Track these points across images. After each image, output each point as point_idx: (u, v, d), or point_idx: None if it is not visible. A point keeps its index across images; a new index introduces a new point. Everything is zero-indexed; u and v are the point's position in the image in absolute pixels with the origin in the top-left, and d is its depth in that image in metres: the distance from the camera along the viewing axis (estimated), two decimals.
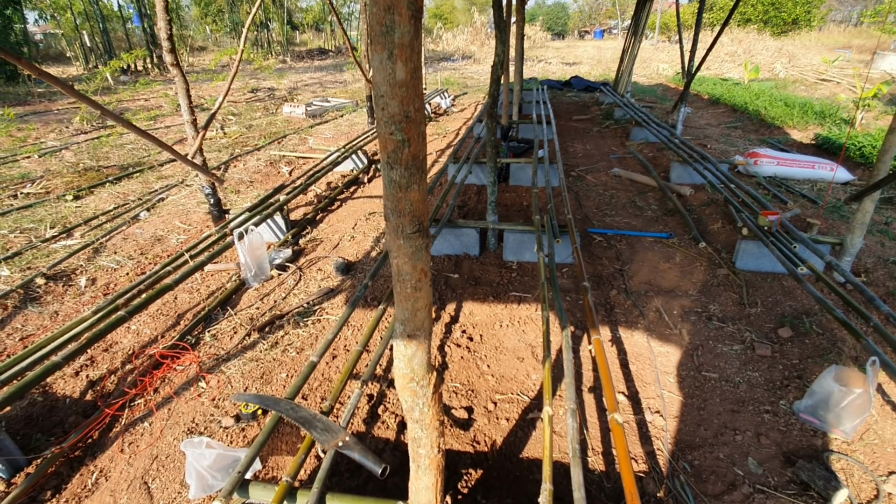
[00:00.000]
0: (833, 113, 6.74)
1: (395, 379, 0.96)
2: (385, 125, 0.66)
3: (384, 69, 0.61)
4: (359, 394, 1.68)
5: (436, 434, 0.99)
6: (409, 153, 0.68)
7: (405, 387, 0.94)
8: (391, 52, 0.60)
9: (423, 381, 0.93)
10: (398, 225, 0.76)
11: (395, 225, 0.76)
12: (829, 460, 1.72)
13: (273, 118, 8.54)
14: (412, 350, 0.89)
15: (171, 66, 3.19)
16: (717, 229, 3.58)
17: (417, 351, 0.89)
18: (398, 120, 0.65)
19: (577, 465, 1.37)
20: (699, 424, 1.92)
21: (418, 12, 0.57)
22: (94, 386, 2.25)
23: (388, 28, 0.58)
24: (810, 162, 4.66)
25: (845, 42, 19.90)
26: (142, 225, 4.05)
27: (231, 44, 25.82)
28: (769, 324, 2.51)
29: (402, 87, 0.62)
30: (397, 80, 0.61)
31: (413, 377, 0.93)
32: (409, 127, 0.66)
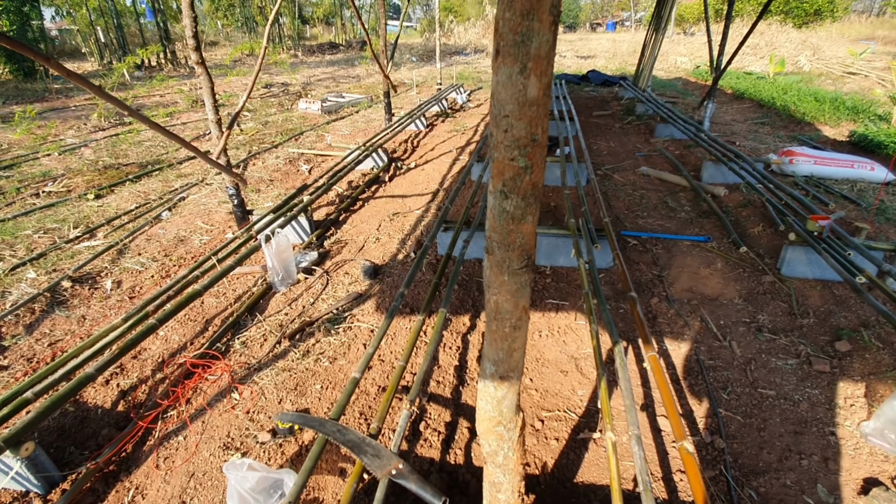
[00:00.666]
0: (866, 108, 6.51)
1: (479, 422, 0.87)
2: (506, 149, 0.57)
3: (513, 85, 0.52)
4: (407, 415, 1.59)
5: (518, 479, 0.90)
6: (529, 181, 0.59)
7: (491, 430, 0.85)
8: (524, 66, 0.50)
9: (511, 425, 0.85)
10: (504, 259, 0.66)
11: (501, 259, 0.67)
12: None
13: (289, 114, 8.47)
14: (503, 392, 0.81)
15: (196, 64, 3.12)
16: (758, 233, 3.44)
17: (508, 393, 0.81)
18: (523, 144, 0.56)
19: (650, 499, 1.27)
20: (761, 447, 1.82)
21: (558, 17, 0.47)
22: (125, 396, 2.20)
23: (524, 37, 0.49)
24: (849, 161, 4.48)
25: (869, 33, 19.34)
26: (164, 225, 4.00)
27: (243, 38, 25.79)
28: (824, 336, 2.39)
29: (533, 107, 0.53)
30: (528, 98, 0.52)
31: (501, 420, 0.84)
32: (534, 152, 0.57)
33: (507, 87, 0.53)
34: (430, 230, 3.74)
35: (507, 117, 0.55)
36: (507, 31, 0.50)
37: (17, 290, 2.93)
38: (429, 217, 4.02)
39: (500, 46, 0.52)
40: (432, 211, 4.15)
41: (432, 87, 11.54)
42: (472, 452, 1.81)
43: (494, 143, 0.57)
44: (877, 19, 26.14)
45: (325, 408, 2.07)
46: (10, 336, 2.58)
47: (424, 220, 3.95)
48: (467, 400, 2.07)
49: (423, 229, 3.78)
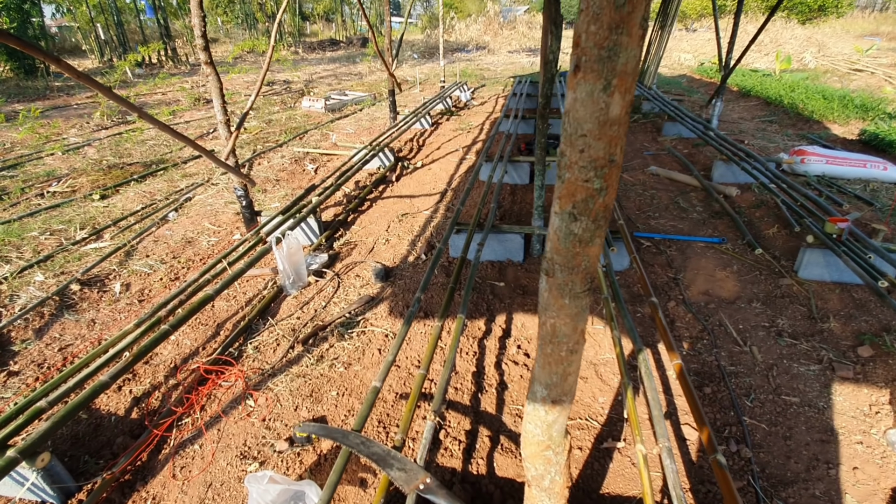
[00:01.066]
0: (876, 106, 6.46)
1: (526, 445, 0.84)
2: (580, 170, 0.53)
3: (594, 103, 0.48)
4: (431, 426, 1.56)
5: (563, 503, 0.87)
6: (602, 203, 0.56)
7: (538, 454, 0.82)
8: (608, 83, 0.47)
9: (559, 448, 0.81)
10: (567, 283, 0.63)
11: (563, 283, 0.63)
12: None
13: (292, 112, 8.42)
14: (554, 416, 0.77)
15: (205, 64, 3.08)
16: (773, 234, 3.41)
17: (560, 417, 0.77)
18: (601, 165, 0.52)
19: None
20: (788, 457, 1.79)
21: (646, 29, 0.44)
22: (139, 403, 2.17)
23: (610, 52, 0.45)
24: (861, 160, 4.43)
25: (873, 29, 19.24)
26: (171, 226, 3.97)
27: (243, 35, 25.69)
28: (846, 341, 2.36)
29: (614, 126, 0.49)
30: (610, 116, 0.48)
31: (550, 445, 0.81)
32: (611, 173, 0.53)
33: (587, 104, 0.49)
34: (440, 231, 3.70)
35: (585, 136, 0.51)
36: (592, 45, 0.46)
37: (26, 293, 2.90)
38: (438, 218, 3.98)
39: (582, 62, 0.48)
40: (441, 211, 4.11)
41: (435, 85, 11.48)
42: (494, 462, 1.78)
43: (566, 164, 0.54)
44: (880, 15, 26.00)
45: (342, 415, 2.04)
46: (19, 341, 2.55)
47: (434, 221, 3.92)
48: (486, 407, 2.04)
49: (433, 230, 3.74)
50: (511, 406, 2.03)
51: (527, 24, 27.78)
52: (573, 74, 0.50)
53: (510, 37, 24.33)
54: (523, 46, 21.74)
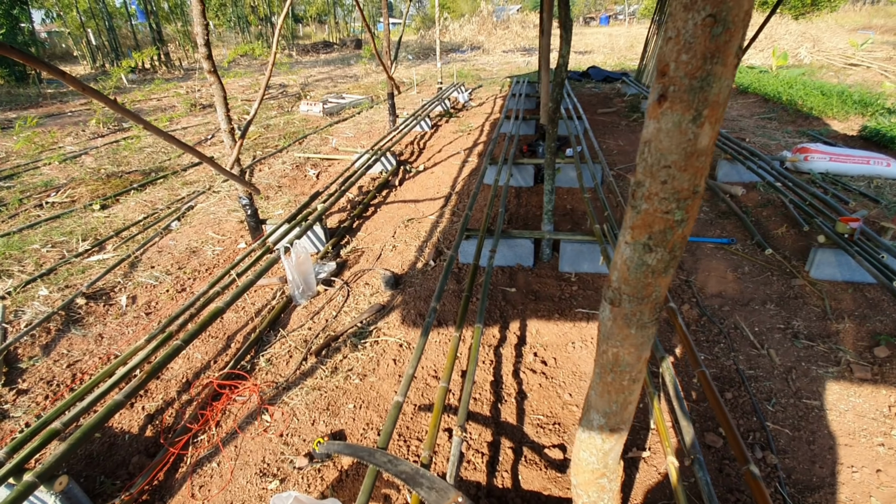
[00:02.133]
0: (874, 102, 6.49)
1: (578, 473, 0.82)
2: (661, 202, 0.51)
3: (682, 134, 0.46)
4: (459, 442, 1.54)
5: None
6: (681, 234, 0.54)
7: (592, 482, 0.80)
8: (699, 114, 0.45)
9: (613, 476, 0.80)
10: (635, 313, 0.61)
11: (631, 313, 0.61)
12: None
13: (290, 117, 8.37)
14: (611, 445, 0.75)
15: (209, 73, 3.04)
16: (782, 234, 3.40)
17: (616, 445, 0.75)
18: (684, 197, 0.50)
19: None
20: (813, 461, 1.77)
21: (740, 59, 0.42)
22: (152, 420, 2.13)
23: (703, 82, 0.43)
24: (865, 157, 4.44)
25: (865, 22, 19.37)
26: (174, 236, 3.92)
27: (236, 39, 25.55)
28: (861, 342, 2.35)
29: (701, 157, 0.47)
30: (698, 148, 0.46)
31: (605, 473, 0.79)
32: (693, 204, 0.51)
33: (674, 135, 0.47)
34: (447, 237, 3.68)
35: (669, 168, 0.49)
36: (682, 74, 0.44)
37: (31, 308, 2.85)
38: (444, 222, 3.96)
39: (670, 91, 0.46)
40: (447, 216, 4.09)
41: (432, 86, 11.45)
42: (519, 475, 1.75)
43: (645, 194, 0.52)
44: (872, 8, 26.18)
45: (361, 429, 2.01)
46: (27, 358, 2.50)
47: (440, 226, 3.89)
48: (507, 418, 2.02)
49: (440, 235, 3.72)
50: (532, 416, 2.01)
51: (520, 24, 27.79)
52: (657, 104, 0.48)
53: (504, 36, 24.32)
54: (518, 46, 21.73)
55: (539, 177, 4.70)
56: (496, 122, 7.55)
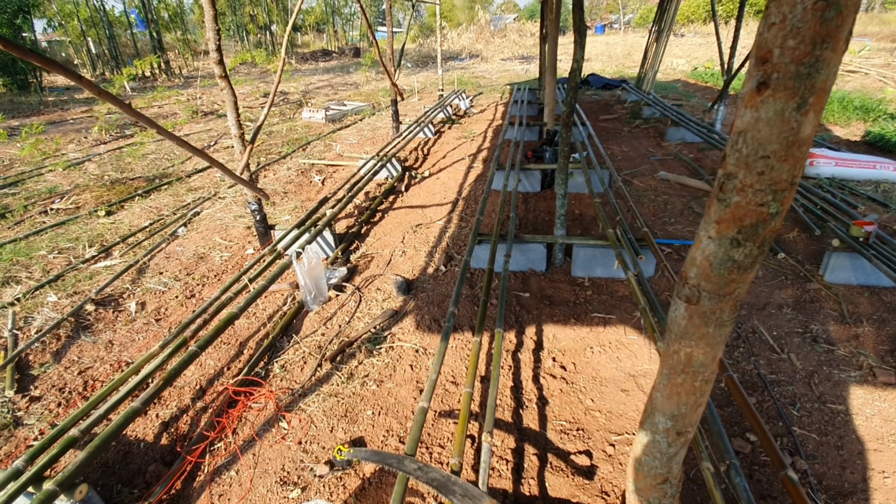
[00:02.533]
0: (876, 107, 6.54)
1: (640, 479, 0.79)
2: (755, 193, 0.50)
3: (784, 122, 0.45)
4: (488, 448, 1.51)
5: None
6: (772, 228, 0.52)
7: (654, 487, 0.78)
8: (804, 101, 0.44)
9: (675, 480, 0.77)
10: (715, 311, 0.59)
11: (710, 310, 0.60)
12: None
13: (292, 123, 8.38)
14: (676, 448, 0.73)
15: (220, 78, 3.04)
16: (793, 238, 3.40)
17: (682, 450, 0.73)
18: (782, 188, 0.49)
19: None
20: (843, 467, 1.75)
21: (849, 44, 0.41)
22: (167, 428, 2.09)
23: (810, 69, 0.42)
24: (871, 162, 4.46)
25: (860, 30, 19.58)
26: (181, 242, 3.90)
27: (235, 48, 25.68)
28: (882, 345, 2.34)
29: (802, 147, 0.46)
30: (800, 137, 0.45)
31: (668, 478, 0.77)
32: (788, 197, 0.50)
33: (775, 124, 0.46)
34: (456, 242, 3.66)
35: (767, 158, 0.48)
36: (788, 61, 0.43)
37: (40, 314, 2.81)
38: (452, 228, 3.95)
39: (773, 79, 0.45)
40: (455, 221, 4.07)
41: (433, 94, 11.50)
42: (546, 483, 1.72)
43: (737, 186, 0.50)
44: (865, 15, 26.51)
45: (381, 436, 1.98)
46: (38, 364, 2.46)
47: (448, 231, 3.88)
48: (529, 424, 1.99)
49: (449, 241, 3.70)
50: (554, 422, 1.99)
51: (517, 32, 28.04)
52: (756, 92, 0.46)
53: (502, 45, 24.51)
54: (516, 54, 21.88)
55: (545, 182, 4.70)
56: (498, 128, 7.57)
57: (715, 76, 11.16)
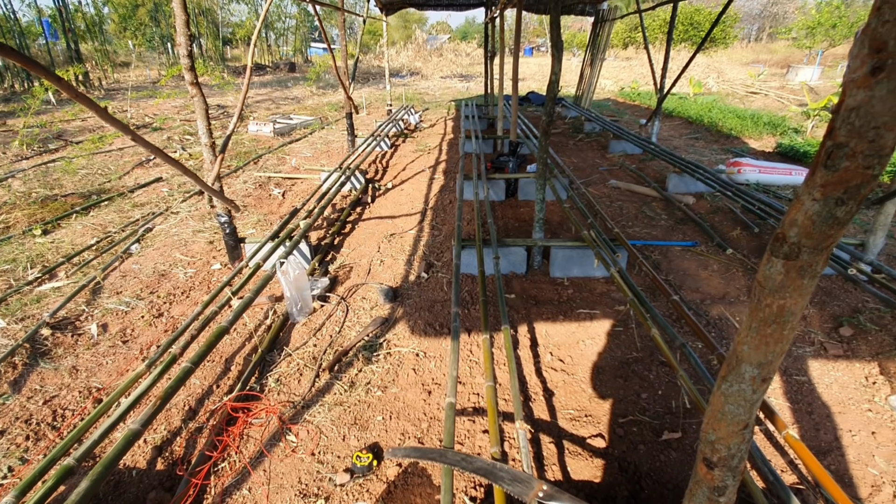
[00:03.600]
0: (781, 123, 7.44)
1: (719, 427, 0.88)
2: (864, 158, 0.61)
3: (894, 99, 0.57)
4: (524, 434, 1.56)
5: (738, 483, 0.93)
6: (870, 188, 0.64)
7: (736, 433, 0.87)
8: None
9: (752, 427, 0.87)
10: (811, 263, 0.70)
11: (807, 263, 0.70)
12: None
13: (238, 137, 8.06)
14: (759, 395, 0.83)
15: (191, 84, 2.91)
16: (737, 236, 3.79)
17: (762, 396, 0.83)
18: (885, 153, 0.60)
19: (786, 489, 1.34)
20: (817, 429, 1.98)
21: None
22: (161, 452, 1.94)
23: None
24: (788, 169, 5.08)
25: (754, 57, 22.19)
26: (137, 260, 3.63)
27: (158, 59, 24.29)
28: (827, 324, 2.67)
29: None
30: None
31: (748, 423, 0.87)
32: (887, 160, 0.62)
33: (887, 100, 0.58)
34: (433, 249, 3.71)
35: (878, 129, 0.59)
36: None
37: None
38: (425, 236, 3.99)
39: (888, 64, 0.56)
40: (427, 230, 4.12)
41: (380, 109, 11.55)
42: (567, 467, 1.80)
43: (848, 153, 0.61)
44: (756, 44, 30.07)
45: (396, 439, 1.97)
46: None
47: (423, 239, 3.92)
48: (540, 415, 2.06)
49: (426, 249, 3.74)
50: (563, 411, 2.08)
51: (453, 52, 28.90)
52: (870, 76, 0.58)
53: (440, 63, 25.12)
54: (454, 72, 22.49)
55: (509, 191, 4.88)
56: (451, 141, 7.75)
57: (641, 95, 12.14)
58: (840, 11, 17.42)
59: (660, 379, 2.25)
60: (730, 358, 0.85)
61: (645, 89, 13.17)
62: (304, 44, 34.75)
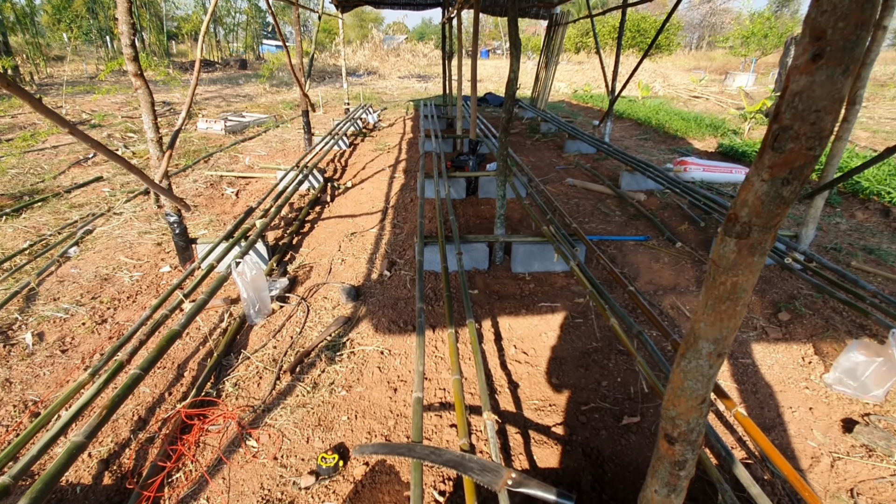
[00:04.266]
0: (721, 125, 7.89)
1: (679, 403, 0.92)
2: (807, 140, 0.66)
3: (832, 84, 0.61)
4: (492, 425, 1.57)
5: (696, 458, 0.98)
6: (811, 168, 0.68)
7: (695, 408, 0.92)
8: (847, 68, 0.60)
9: (709, 399, 0.92)
10: (761, 241, 0.74)
11: (757, 241, 0.74)
12: (877, 423, 2.00)
13: (186, 134, 7.70)
14: (714, 371, 0.88)
15: (134, 76, 2.75)
16: (685, 230, 3.98)
17: (716, 371, 0.88)
18: (825, 135, 0.65)
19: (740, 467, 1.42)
20: (762, 407, 2.11)
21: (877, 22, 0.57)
22: (108, 466, 1.82)
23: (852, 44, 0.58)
24: (728, 167, 5.39)
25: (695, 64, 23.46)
26: (76, 264, 3.39)
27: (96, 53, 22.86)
28: (767, 310, 2.85)
29: (842, 102, 0.62)
30: (841, 94, 0.61)
31: (705, 397, 0.91)
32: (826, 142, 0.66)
33: (826, 86, 0.62)
34: (395, 248, 3.69)
35: (819, 112, 0.64)
36: (837, 38, 0.59)
37: None
38: (387, 234, 3.96)
39: (826, 51, 0.60)
40: (388, 228, 4.09)
41: (336, 107, 11.36)
42: (533, 456, 1.83)
43: (793, 136, 0.65)
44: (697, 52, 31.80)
45: (363, 439, 1.93)
46: None
47: (384, 238, 3.88)
48: (506, 406, 2.08)
49: (388, 247, 3.71)
50: (528, 402, 2.11)
51: (411, 52, 28.82)
52: (811, 62, 0.62)
53: (397, 63, 24.99)
54: (412, 73, 22.45)
55: (469, 189, 4.92)
56: (410, 140, 7.73)
57: (594, 98, 12.56)
58: (770, 23, 18.71)
59: (618, 367, 2.33)
60: (688, 336, 0.90)
61: (597, 92, 13.63)
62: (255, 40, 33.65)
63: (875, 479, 1.78)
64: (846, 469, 1.82)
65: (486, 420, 1.57)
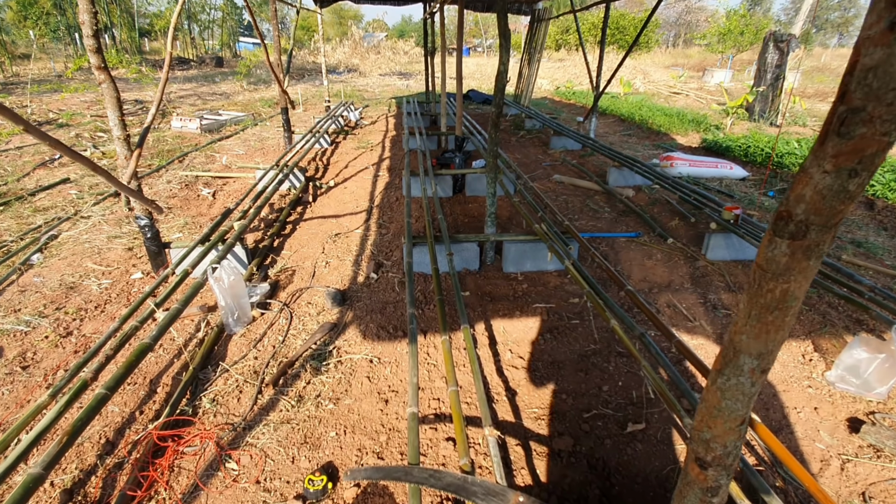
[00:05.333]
0: (703, 120, 7.93)
1: (715, 425, 0.82)
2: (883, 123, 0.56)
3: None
4: (494, 441, 1.46)
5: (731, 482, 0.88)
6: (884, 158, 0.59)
7: (733, 430, 0.82)
8: None
9: (749, 420, 0.82)
10: (818, 242, 0.64)
11: (814, 242, 0.64)
12: (883, 421, 1.95)
13: (159, 133, 7.41)
14: (757, 388, 0.78)
15: (97, 69, 2.56)
16: (675, 226, 3.93)
17: (760, 388, 0.78)
18: None
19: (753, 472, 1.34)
20: (766, 408, 2.05)
21: None
22: (72, 496, 1.66)
23: None
24: (714, 162, 5.39)
25: (672, 61, 23.75)
26: (39, 272, 3.18)
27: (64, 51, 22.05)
28: None
29: None
30: None
31: (745, 418, 0.81)
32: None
33: None
34: (381, 249, 3.55)
35: None
36: None
37: None
38: (373, 235, 3.82)
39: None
40: (374, 229, 3.95)
41: (317, 105, 11.12)
42: (536, 469, 1.72)
43: (865, 118, 0.55)
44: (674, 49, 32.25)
45: (353, 457, 1.80)
46: None
47: (370, 239, 3.74)
48: (504, 416, 1.98)
49: (373, 248, 3.57)
50: (527, 411, 2.00)
51: (391, 50, 28.53)
52: (888, 31, 0.52)
53: (378, 60, 24.71)
54: (393, 70, 22.22)
55: (457, 187, 4.80)
56: (394, 138, 7.57)
57: (576, 94, 12.56)
58: (746, 20, 19.02)
59: (619, 370, 2.24)
60: (726, 349, 0.80)
61: (580, 88, 13.65)
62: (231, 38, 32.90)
63: (885, 481, 1.72)
64: (856, 471, 1.76)
65: (487, 436, 1.46)
